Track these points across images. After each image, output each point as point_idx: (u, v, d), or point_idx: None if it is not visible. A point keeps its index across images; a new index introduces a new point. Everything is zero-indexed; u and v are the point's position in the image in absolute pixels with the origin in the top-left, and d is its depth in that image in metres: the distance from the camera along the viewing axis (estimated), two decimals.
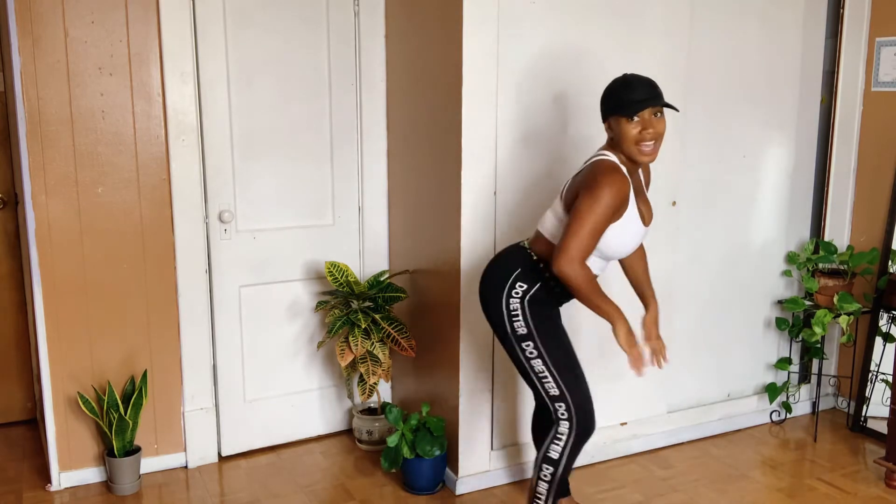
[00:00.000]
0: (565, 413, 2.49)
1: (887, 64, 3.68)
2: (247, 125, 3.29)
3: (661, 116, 2.37)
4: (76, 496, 3.13)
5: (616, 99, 2.36)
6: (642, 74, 2.42)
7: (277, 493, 3.17)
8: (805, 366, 3.93)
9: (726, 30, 3.43)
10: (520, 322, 2.47)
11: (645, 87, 2.35)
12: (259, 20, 3.25)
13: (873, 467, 3.40)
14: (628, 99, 2.33)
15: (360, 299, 3.37)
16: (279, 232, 3.44)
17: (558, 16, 3.02)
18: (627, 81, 2.37)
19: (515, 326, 2.47)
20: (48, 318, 3.05)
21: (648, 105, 2.33)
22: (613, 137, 2.42)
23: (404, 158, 3.46)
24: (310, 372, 3.62)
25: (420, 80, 3.23)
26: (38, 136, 2.95)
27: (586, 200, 2.31)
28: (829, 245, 3.69)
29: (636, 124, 2.34)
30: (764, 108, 3.60)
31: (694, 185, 3.48)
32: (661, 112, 2.37)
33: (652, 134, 2.35)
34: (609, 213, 2.33)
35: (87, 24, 2.96)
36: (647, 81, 2.37)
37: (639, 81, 2.36)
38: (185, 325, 3.28)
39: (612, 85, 2.41)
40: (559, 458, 2.50)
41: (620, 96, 2.35)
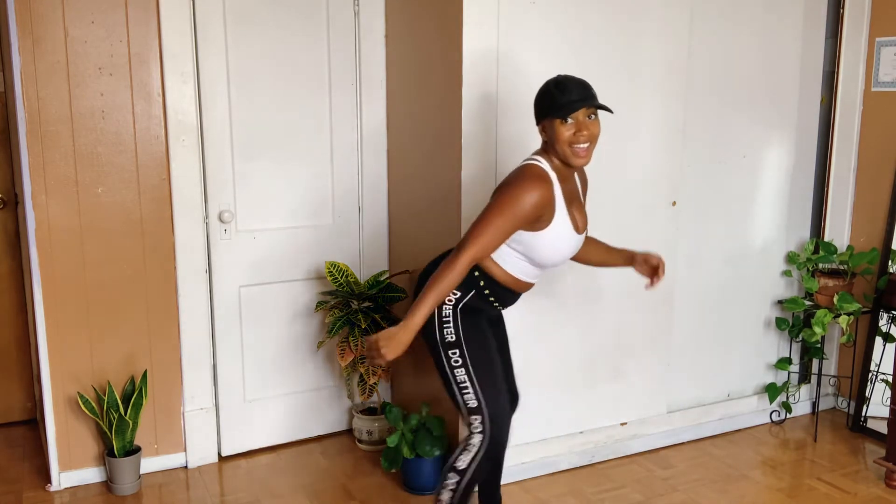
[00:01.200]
0: (479, 426, 2.42)
1: (887, 64, 3.68)
2: (247, 125, 3.29)
3: (596, 119, 2.31)
4: (76, 496, 3.13)
5: (549, 100, 2.31)
6: (576, 76, 2.36)
7: (277, 493, 3.17)
8: (805, 366, 3.93)
9: (726, 30, 3.43)
10: (449, 329, 2.42)
11: (578, 88, 2.29)
12: (259, 20, 3.25)
13: (873, 467, 3.40)
14: (562, 100, 2.28)
15: (360, 299, 3.37)
16: (279, 232, 3.44)
17: (558, 16, 3.02)
18: (560, 82, 2.31)
19: (445, 333, 2.42)
20: (48, 318, 3.05)
21: (582, 105, 2.27)
22: (547, 141, 2.37)
23: (404, 158, 3.46)
24: (310, 372, 3.62)
25: (420, 80, 3.23)
26: (38, 136, 2.95)
27: (498, 200, 2.28)
28: (829, 245, 3.69)
29: (570, 126, 2.29)
30: (764, 108, 3.60)
31: (694, 185, 3.48)
32: (595, 114, 2.32)
33: (586, 136, 2.29)
34: (519, 218, 2.28)
35: (87, 24, 2.96)
36: (581, 82, 2.32)
37: (572, 82, 2.31)
38: (185, 325, 3.28)
39: (544, 86, 2.35)
40: (466, 468, 2.43)
41: (554, 98, 2.29)
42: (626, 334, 3.40)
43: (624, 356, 3.42)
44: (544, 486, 3.22)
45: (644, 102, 3.26)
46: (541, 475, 3.29)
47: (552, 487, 3.21)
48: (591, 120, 2.31)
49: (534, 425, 3.28)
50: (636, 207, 3.33)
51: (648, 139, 3.30)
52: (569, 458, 3.36)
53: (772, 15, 3.53)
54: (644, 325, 3.44)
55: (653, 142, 3.32)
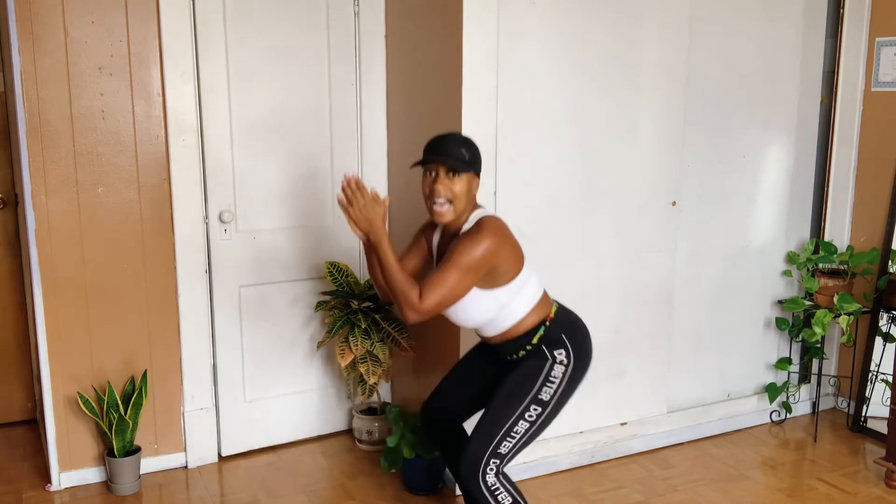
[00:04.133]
0: (494, 469, 2.38)
1: (887, 64, 3.68)
2: (247, 125, 3.29)
3: (459, 177, 2.29)
4: (76, 496, 3.13)
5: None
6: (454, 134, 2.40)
7: (277, 493, 3.17)
8: (805, 366, 3.93)
9: (726, 30, 3.43)
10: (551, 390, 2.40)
11: (436, 144, 2.33)
12: (259, 20, 3.25)
13: (873, 467, 3.40)
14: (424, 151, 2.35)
15: (360, 299, 3.37)
16: (279, 232, 3.44)
17: (558, 16, 3.02)
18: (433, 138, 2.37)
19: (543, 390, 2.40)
20: (48, 318, 3.05)
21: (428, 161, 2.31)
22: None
23: (404, 158, 3.46)
24: (310, 372, 3.62)
25: (420, 80, 3.23)
26: (38, 136, 2.95)
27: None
28: (829, 245, 3.69)
29: (429, 179, 2.32)
30: (764, 108, 3.60)
31: (694, 185, 3.48)
32: (457, 173, 2.29)
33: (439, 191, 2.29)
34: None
35: (87, 24, 2.96)
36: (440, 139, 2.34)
37: (435, 139, 2.35)
38: (185, 325, 3.28)
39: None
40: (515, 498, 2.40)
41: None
42: (625, 334, 3.40)
43: (624, 356, 3.42)
44: (544, 486, 3.22)
45: (644, 102, 3.26)
46: (541, 475, 3.29)
47: (552, 487, 3.21)
48: (451, 178, 2.29)
49: None
50: (636, 207, 3.33)
51: (648, 139, 3.30)
52: (569, 458, 3.35)
53: (772, 15, 3.53)
54: (644, 325, 3.44)
55: (653, 142, 3.32)
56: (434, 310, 2.24)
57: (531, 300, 2.41)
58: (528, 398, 2.38)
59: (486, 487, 2.36)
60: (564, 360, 2.41)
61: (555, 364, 2.40)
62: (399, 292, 2.24)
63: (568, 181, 3.14)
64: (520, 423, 2.38)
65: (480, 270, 2.26)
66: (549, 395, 2.40)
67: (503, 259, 2.29)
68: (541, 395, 2.39)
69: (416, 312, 2.23)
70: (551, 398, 2.40)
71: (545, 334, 2.42)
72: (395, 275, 2.25)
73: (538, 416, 2.40)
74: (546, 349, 2.42)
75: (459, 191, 2.30)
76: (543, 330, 2.42)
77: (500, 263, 2.29)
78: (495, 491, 2.37)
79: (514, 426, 2.38)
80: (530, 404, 2.39)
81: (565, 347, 2.42)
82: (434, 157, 2.30)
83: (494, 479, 2.38)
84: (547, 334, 2.42)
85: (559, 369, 2.40)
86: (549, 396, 2.40)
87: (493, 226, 2.29)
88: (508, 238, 2.33)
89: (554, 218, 3.15)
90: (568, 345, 2.42)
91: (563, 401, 2.45)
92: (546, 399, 2.40)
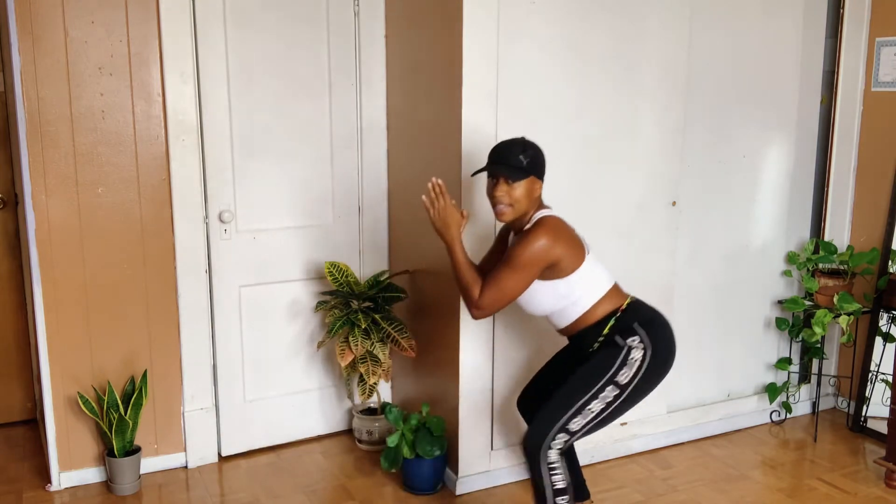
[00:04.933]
0: (561, 445, 2.43)
1: (887, 64, 3.68)
2: (247, 125, 3.29)
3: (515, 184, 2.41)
4: (76, 496, 3.13)
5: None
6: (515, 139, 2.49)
7: (277, 493, 3.17)
8: (805, 366, 3.93)
9: (726, 30, 3.43)
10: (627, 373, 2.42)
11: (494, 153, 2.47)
12: (259, 20, 3.25)
13: (873, 467, 3.40)
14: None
15: (360, 299, 3.37)
16: (279, 232, 3.44)
17: (558, 16, 3.02)
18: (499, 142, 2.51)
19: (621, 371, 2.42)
20: (48, 318, 3.05)
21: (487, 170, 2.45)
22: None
23: (404, 158, 3.46)
24: (310, 372, 3.62)
25: (420, 80, 3.23)
26: (38, 136, 2.95)
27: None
28: (829, 245, 3.69)
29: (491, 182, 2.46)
30: (764, 108, 3.60)
31: (694, 185, 3.48)
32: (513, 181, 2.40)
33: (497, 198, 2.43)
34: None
35: (87, 24, 2.96)
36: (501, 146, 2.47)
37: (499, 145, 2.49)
38: (185, 325, 3.28)
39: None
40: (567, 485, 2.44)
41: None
42: None
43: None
44: None
45: (644, 102, 3.26)
46: None
47: None
48: (510, 184, 2.41)
49: None
50: (636, 207, 3.33)
51: (648, 139, 3.30)
52: None
53: (772, 15, 3.53)
54: None
55: (653, 142, 3.32)
56: (492, 306, 2.40)
57: (596, 292, 2.47)
58: (605, 377, 2.41)
59: (547, 464, 2.41)
60: (640, 345, 2.43)
61: (631, 349, 2.42)
62: (462, 290, 2.44)
63: (568, 181, 3.14)
64: (594, 402, 2.40)
65: (535, 267, 2.36)
66: (626, 379, 2.41)
67: (558, 255, 2.38)
68: (618, 377, 2.41)
69: (477, 309, 2.41)
70: (629, 382, 2.41)
71: (616, 324, 2.46)
72: (460, 274, 2.43)
73: (615, 398, 2.41)
74: (619, 338, 2.44)
75: (518, 195, 2.42)
76: (614, 320, 2.46)
77: (556, 260, 2.38)
78: (553, 469, 2.41)
79: (589, 404, 2.41)
80: (607, 384, 2.41)
81: (639, 335, 2.44)
82: (492, 166, 2.44)
83: (556, 458, 2.42)
84: (618, 324, 2.46)
85: (637, 353, 2.42)
86: (627, 380, 2.41)
87: (548, 225, 2.40)
88: (563, 236, 2.41)
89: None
90: (642, 333, 2.44)
91: (641, 389, 2.45)
92: (623, 382, 2.41)
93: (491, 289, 2.38)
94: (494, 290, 2.37)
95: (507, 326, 3.12)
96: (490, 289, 2.38)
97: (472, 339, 3.07)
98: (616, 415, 2.46)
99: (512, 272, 2.36)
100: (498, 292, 2.37)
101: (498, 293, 2.37)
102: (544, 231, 2.37)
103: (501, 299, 2.39)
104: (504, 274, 2.37)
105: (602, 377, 2.41)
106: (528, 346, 3.16)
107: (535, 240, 2.35)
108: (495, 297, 2.38)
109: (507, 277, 2.36)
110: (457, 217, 2.44)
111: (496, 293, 2.38)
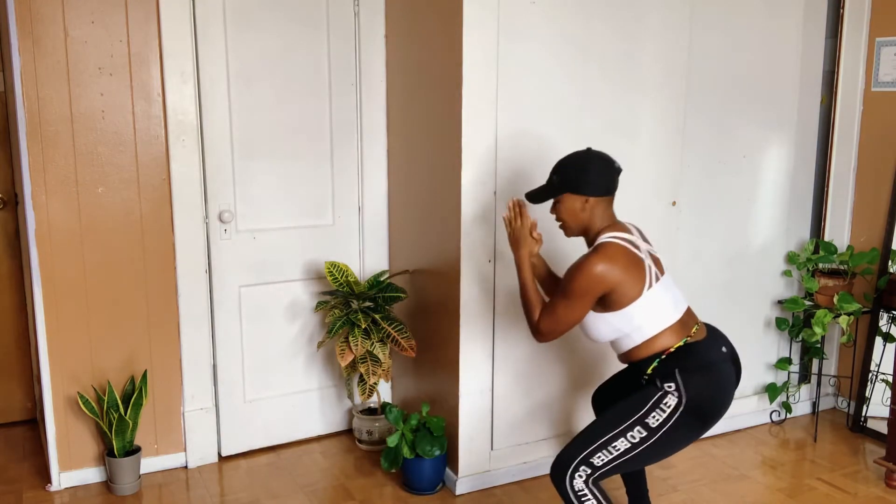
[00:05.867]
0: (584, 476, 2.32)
1: (887, 64, 3.68)
2: (247, 125, 3.29)
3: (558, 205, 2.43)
4: (76, 496, 3.13)
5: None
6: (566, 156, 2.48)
7: (277, 493, 3.17)
8: (805, 366, 3.93)
9: (726, 30, 3.43)
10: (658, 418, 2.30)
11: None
12: (259, 20, 3.25)
13: (873, 467, 3.40)
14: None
15: (360, 299, 3.37)
16: (279, 232, 3.44)
17: (558, 15, 3.02)
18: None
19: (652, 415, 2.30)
20: (48, 318, 3.05)
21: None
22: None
23: (404, 158, 3.46)
24: (310, 372, 3.62)
25: (420, 80, 3.23)
26: (38, 136, 2.95)
27: None
28: (829, 245, 3.69)
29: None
30: (764, 108, 3.60)
31: (694, 185, 3.48)
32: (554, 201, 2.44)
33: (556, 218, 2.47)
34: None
35: (87, 24, 2.96)
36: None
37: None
38: (185, 325, 3.28)
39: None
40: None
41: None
42: None
43: None
44: (544, 486, 3.22)
45: (644, 102, 3.26)
46: (541, 475, 3.29)
47: (552, 487, 3.20)
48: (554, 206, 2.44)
49: (534, 425, 3.28)
50: (636, 207, 3.32)
51: (648, 139, 3.30)
52: None
53: (772, 15, 3.52)
54: None
55: (653, 142, 3.32)
56: (551, 333, 2.36)
57: (656, 325, 2.35)
58: (635, 417, 2.30)
59: (573, 490, 2.32)
60: (675, 393, 2.29)
61: (667, 394, 2.29)
62: (525, 312, 2.42)
63: None
64: (620, 440, 2.29)
65: (588, 296, 2.28)
66: (655, 423, 2.28)
67: (611, 285, 2.28)
68: (648, 419, 2.29)
69: (538, 334, 2.38)
70: (658, 427, 2.28)
71: (659, 367, 2.33)
72: (523, 295, 2.42)
73: (641, 440, 2.29)
74: (658, 381, 2.32)
75: (563, 213, 2.42)
76: (658, 363, 2.34)
77: (609, 290, 2.28)
78: (582, 496, 2.32)
79: (614, 441, 2.30)
80: (636, 424, 2.29)
81: (675, 382, 2.29)
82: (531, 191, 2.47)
83: (583, 486, 2.32)
84: (661, 367, 2.33)
85: (671, 400, 2.28)
86: (656, 424, 2.28)
87: (603, 253, 2.30)
88: (619, 264, 2.29)
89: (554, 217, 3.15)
90: (680, 381, 2.29)
91: (672, 439, 2.32)
92: (653, 426, 2.28)
93: (548, 315, 2.34)
94: (551, 318, 2.34)
95: (507, 326, 3.12)
96: (547, 316, 2.34)
97: (472, 339, 3.07)
98: (645, 460, 2.36)
99: (565, 301, 2.30)
100: (554, 320, 2.33)
101: (554, 321, 2.33)
102: (598, 259, 2.27)
103: (558, 328, 2.34)
104: (559, 302, 2.32)
105: (632, 416, 2.30)
106: (527, 346, 3.16)
107: (588, 268, 2.27)
108: (552, 325, 2.34)
109: (562, 306, 2.31)
110: (529, 241, 2.44)
111: (552, 321, 2.33)
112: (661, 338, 2.36)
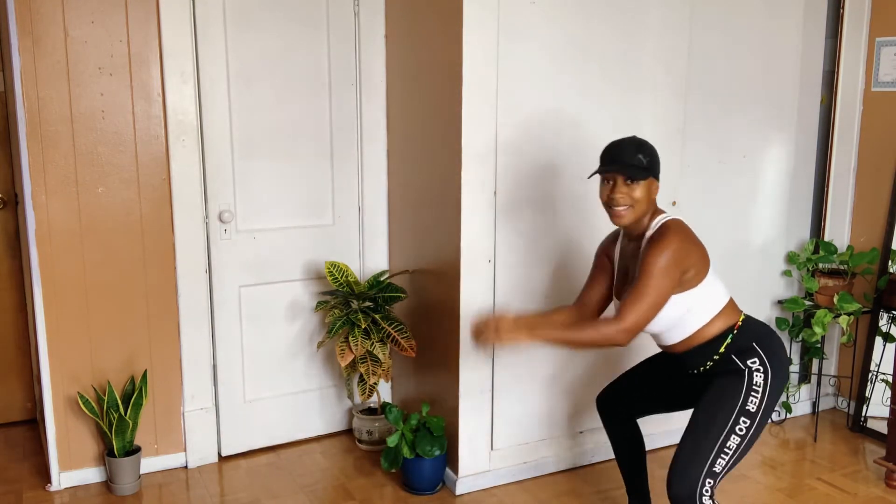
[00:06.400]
0: (710, 491, 2.28)
1: (887, 64, 3.68)
2: (247, 125, 3.29)
3: (636, 183, 2.30)
4: (76, 496, 3.13)
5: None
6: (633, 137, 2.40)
7: (277, 493, 3.17)
8: (805, 366, 3.93)
9: (726, 30, 3.43)
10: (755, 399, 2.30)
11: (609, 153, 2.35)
12: (259, 20, 3.25)
13: (873, 467, 3.40)
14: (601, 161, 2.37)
15: (360, 299, 3.37)
16: (279, 232, 3.44)
17: (558, 15, 3.02)
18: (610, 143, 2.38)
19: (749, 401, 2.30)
20: (48, 318, 3.05)
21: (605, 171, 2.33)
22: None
23: (404, 158, 3.46)
24: (310, 372, 3.62)
25: (420, 80, 3.23)
26: (38, 136, 2.95)
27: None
28: (829, 245, 3.69)
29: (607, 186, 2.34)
30: (764, 108, 3.60)
31: (694, 185, 3.48)
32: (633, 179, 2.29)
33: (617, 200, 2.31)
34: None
35: (87, 24, 2.96)
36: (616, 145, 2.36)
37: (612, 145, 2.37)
38: (185, 325, 3.28)
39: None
40: None
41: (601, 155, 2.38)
42: None
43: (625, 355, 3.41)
44: (544, 486, 3.22)
45: (644, 102, 3.26)
46: (541, 475, 3.29)
47: (552, 487, 3.21)
48: (629, 185, 2.30)
49: (534, 425, 3.28)
50: None
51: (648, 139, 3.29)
52: (568, 458, 3.35)
53: (772, 15, 3.52)
54: None
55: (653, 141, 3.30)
56: (639, 325, 2.22)
57: (716, 305, 2.35)
58: (735, 411, 2.29)
59: None
60: (760, 368, 2.32)
61: (753, 373, 2.31)
62: (599, 343, 2.25)
63: (568, 180, 3.14)
64: (731, 438, 2.28)
65: (675, 274, 2.23)
66: (755, 406, 2.30)
67: (691, 261, 2.27)
68: (748, 405, 2.29)
69: (625, 334, 2.21)
70: (758, 409, 2.30)
71: (732, 342, 2.34)
72: (580, 340, 2.28)
73: (748, 428, 2.29)
74: (737, 359, 2.33)
75: (639, 196, 2.31)
76: (731, 338, 2.34)
77: (689, 266, 2.26)
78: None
79: (727, 442, 2.28)
80: (739, 417, 2.29)
81: (758, 356, 2.33)
82: (611, 167, 2.31)
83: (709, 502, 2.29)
84: (735, 342, 2.34)
85: (759, 377, 2.31)
86: (756, 407, 2.30)
87: (678, 228, 2.28)
88: (694, 239, 2.30)
89: (554, 217, 3.15)
90: (761, 353, 2.33)
91: (768, 411, 2.33)
92: (753, 410, 2.29)
93: (636, 305, 2.20)
94: (640, 306, 2.19)
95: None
96: (635, 305, 2.20)
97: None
98: (750, 445, 2.33)
99: (654, 281, 2.20)
100: (646, 306, 2.20)
101: (646, 307, 2.20)
102: (676, 235, 2.24)
103: (647, 314, 2.21)
104: (647, 286, 2.20)
105: (732, 411, 2.29)
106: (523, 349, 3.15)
107: (671, 243, 2.21)
108: (642, 314, 2.20)
109: (652, 288, 2.20)
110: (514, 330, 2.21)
111: (643, 308, 2.20)
112: (721, 318, 2.36)
